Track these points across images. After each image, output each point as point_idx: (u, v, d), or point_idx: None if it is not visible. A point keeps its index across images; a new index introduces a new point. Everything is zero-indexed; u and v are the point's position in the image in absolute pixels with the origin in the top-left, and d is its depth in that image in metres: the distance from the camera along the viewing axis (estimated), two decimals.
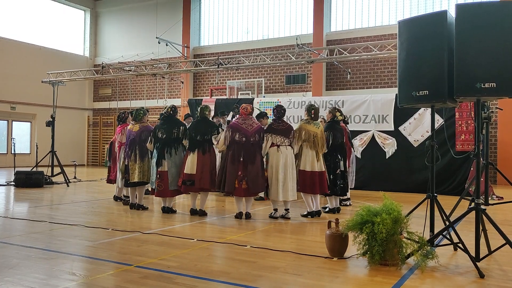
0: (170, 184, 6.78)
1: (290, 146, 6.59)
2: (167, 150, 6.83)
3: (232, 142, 6.49)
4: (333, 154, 6.97)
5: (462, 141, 10.11)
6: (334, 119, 7.17)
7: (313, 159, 6.55)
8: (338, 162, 6.99)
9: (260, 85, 17.35)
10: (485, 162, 4.32)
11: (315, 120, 6.76)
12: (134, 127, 7.43)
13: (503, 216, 6.91)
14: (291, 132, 6.62)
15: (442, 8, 14.49)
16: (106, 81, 21.81)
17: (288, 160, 6.47)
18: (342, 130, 7.27)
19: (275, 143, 6.52)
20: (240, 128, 6.54)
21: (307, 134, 6.57)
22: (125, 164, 7.38)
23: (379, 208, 4.06)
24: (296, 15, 17.63)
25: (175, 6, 19.85)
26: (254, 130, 6.56)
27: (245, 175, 6.36)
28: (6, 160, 18.76)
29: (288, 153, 6.52)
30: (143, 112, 7.57)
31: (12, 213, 7.06)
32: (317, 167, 6.58)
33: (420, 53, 4.16)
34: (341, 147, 7.10)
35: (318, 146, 6.61)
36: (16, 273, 3.71)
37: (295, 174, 6.56)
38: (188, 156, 6.73)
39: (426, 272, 3.83)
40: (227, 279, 3.58)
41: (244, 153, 6.43)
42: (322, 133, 6.74)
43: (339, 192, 7.03)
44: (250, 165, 6.40)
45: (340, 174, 6.99)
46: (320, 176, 6.60)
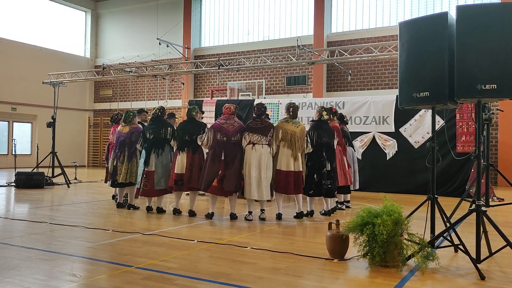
0: (156, 184, 6.92)
1: (268, 145, 6.52)
2: (154, 150, 6.99)
3: (214, 141, 6.57)
4: (318, 154, 6.78)
5: (463, 142, 10.10)
6: (320, 119, 7.02)
7: (289, 159, 6.46)
8: (323, 161, 6.76)
9: (260, 86, 17.35)
10: (485, 164, 4.31)
11: (294, 119, 6.69)
12: (124, 128, 7.60)
13: (504, 218, 6.90)
14: (269, 130, 6.56)
15: (442, 9, 14.49)
16: (107, 82, 21.83)
17: (263, 159, 6.41)
18: (330, 129, 7.05)
19: (252, 141, 6.50)
20: (222, 128, 6.60)
21: (284, 133, 6.52)
22: (114, 165, 7.54)
23: (380, 210, 4.05)
24: (297, 17, 17.65)
25: (176, 7, 19.87)
26: (236, 130, 6.60)
27: (226, 175, 6.42)
28: (7, 161, 18.78)
29: (264, 152, 6.44)
30: (132, 114, 7.72)
31: (13, 214, 7.06)
32: (293, 167, 6.47)
33: (421, 55, 4.16)
34: (328, 147, 6.89)
35: (295, 146, 6.49)
36: (16, 274, 3.71)
37: (270, 174, 6.48)
38: (178, 156, 6.84)
39: (427, 273, 3.82)
40: (227, 281, 3.57)
41: (225, 152, 6.49)
42: (302, 132, 6.63)
43: (324, 192, 6.77)
44: (231, 164, 6.47)
45: (326, 174, 6.76)
46: (295, 176, 6.48)
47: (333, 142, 7.01)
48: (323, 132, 6.88)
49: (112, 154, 7.70)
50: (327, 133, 6.93)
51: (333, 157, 6.94)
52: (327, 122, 7.09)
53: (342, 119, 8.17)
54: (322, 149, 6.81)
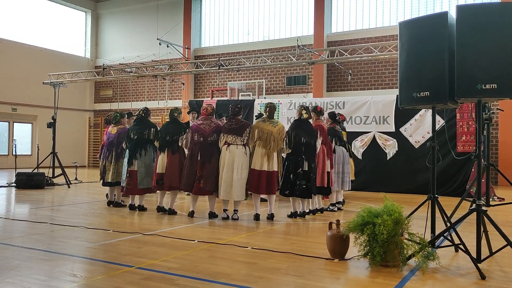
0: (139, 183, 7.15)
1: (244, 145, 6.52)
2: (138, 150, 7.21)
3: (192, 142, 6.70)
4: (296, 154, 6.63)
5: (463, 142, 10.10)
6: (300, 118, 6.87)
7: (263, 158, 6.43)
8: (300, 161, 6.58)
9: (261, 86, 17.36)
10: (486, 163, 4.31)
11: (270, 118, 6.65)
12: (112, 129, 7.91)
13: (504, 217, 6.90)
14: (245, 130, 6.55)
15: (442, 9, 14.49)
16: (107, 83, 21.84)
17: (236, 159, 6.40)
18: (311, 129, 6.83)
19: (227, 141, 6.53)
20: (199, 128, 6.72)
21: (260, 133, 6.51)
22: (103, 165, 7.85)
23: (380, 210, 4.05)
24: (297, 17, 17.65)
25: (176, 7, 19.88)
26: (212, 130, 6.68)
27: (202, 175, 6.52)
28: (7, 161, 18.79)
29: (238, 152, 6.44)
30: (120, 114, 8.05)
31: (13, 214, 7.06)
32: (267, 167, 6.43)
33: (421, 54, 4.16)
34: (308, 147, 6.66)
35: (270, 145, 6.45)
36: (17, 274, 3.71)
37: (244, 174, 6.46)
38: (159, 156, 7.05)
39: (427, 273, 3.82)
40: (228, 281, 3.57)
41: (201, 152, 6.59)
42: (279, 132, 6.54)
43: (298, 193, 6.57)
44: (207, 164, 6.55)
45: (302, 174, 6.56)
46: (268, 176, 6.43)
47: (314, 141, 6.76)
48: (302, 131, 6.70)
49: (102, 154, 8.00)
50: (306, 132, 6.73)
51: (312, 157, 6.72)
52: (307, 121, 6.87)
53: (334, 118, 7.92)
54: (301, 149, 6.62)
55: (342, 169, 7.70)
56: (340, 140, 7.75)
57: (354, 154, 11.07)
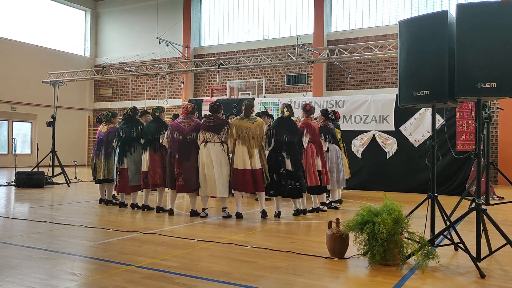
0: (130, 181, 7.35)
1: (221, 143, 6.53)
2: (127, 148, 7.41)
3: (171, 140, 6.79)
4: (276, 152, 6.55)
5: (463, 141, 10.10)
6: (282, 116, 6.78)
7: (245, 156, 6.40)
8: (281, 160, 6.49)
9: (260, 85, 17.35)
10: (486, 162, 4.31)
11: (247, 116, 6.60)
12: (103, 128, 8.17)
13: (504, 216, 6.91)
14: (222, 128, 6.57)
15: (442, 8, 14.48)
16: (107, 82, 21.83)
17: (213, 157, 6.44)
18: (294, 127, 6.71)
19: (205, 139, 6.56)
20: (179, 126, 6.80)
21: (239, 130, 6.49)
22: (94, 163, 8.10)
23: (380, 208, 4.06)
24: (297, 15, 17.64)
25: (175, 6, 19.86)
26: (191, 128, 6.74)
27: (181, 172, 6.59)
28: (7, 160, 18.78)
29: (215, 149, 6.47)
30: (111, 114, 8.29)
31: (13, 213, 7.07)
32: (250, 165, 6.39)
33: (421, 53, 4.15)
34: (290, 145, 6.54)
35: (251, 143, 6.41)
36: (17, 273, 3.71)
37: (225, 171, 6.48)
38: (143, 155, 7.26)
39: (427, 272, 3.82)
40: (227, 279, 3.58)
41: (179, 150, 6.67)
42: (258, 128, 6.49)
43: (286, 193, 6.49)
44: (185, 162, 6.62)
45: (286, 174, 6.46)
46: (253, 174, 6.39)
47: (298, 139, 6.64)
48: (283, 129, 6.60)
49: (93, 152, 8.26)
50: (288, 130, 6.61)
51: (296, 155, 6.58)
52: (289, 119, 6.75)
53: (327, 115, 7.76)
54: (282, 148, 6.54)
55: (336, 167, 7.56)
56: (333, 138, 7.61)
57: (354, 153, 11.10)
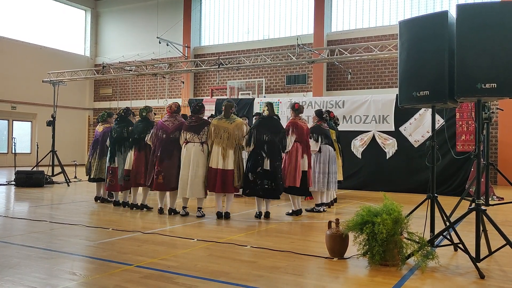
0: (119, 179, 7.47)
1: (201, 143, 6.56)
2: (117, 148, 7.53)
3: (155, 138, 6.90)
4: (256, 152, 6.44)
5: (463, 141, 10.11)
6: (263, 115, 6.69)
7: (218, 156, 6.39)
8: (260, 160, 6.39)
9: (260, 85, 17.35)
10: (485, 163, 4.31)
11: (226, 117, 6.60)
12: (99, 128, 8.38)
13: (503, 217, 6.91)
14: (202, 128, 6.60)
15: (442, 8, 14.49)
16: (107, 81, 21.83)
17: (193, 158, 6.47)
18: (276, 126, 6.59)
19: (186, 139, 6.61)
20: (163, 125, 6.90)
21: (216, 130, 6.51)
22: (89, 162, 8.30)
23: (380, 209, 4.05)
24: (297, 15, 17.64)
25: (175, 6, 19.85)
26: (175, 127, 6.82)
27: (161, 170, 6.70)
28: (7, 159, 18.78)
29: (194, 150, 6.51)
30: (107, 114, 8.50)
31: (13, 212, 7.06)
32: (222, 165, 6.37)
33: (421, 54, 4.15)
34: (271, 145, 6.42)
35: (226, 143, 6.39)
36: (16, 272, 3.71)
37: (201, 172, 6.48)
38: (128, 154, 7.37)
39: (427, 272, 3.82)
40: (227, 279, 3.58)
41: (161, 149, 6.77)
42: (236, 129, 6.47)
43: (262, 193, 6.39)
44: (166, 161, 6.72)
45: (262, 173, 6.35)
46: (223, 174, 6.36)
47: (279, 139, 6.52)
48: (263, 128, 6.50)
49: (89, 152, 8.54)
50: (270, 130, 6.50)
51: (276, 155, 6.47)
52: (272, 118, 6.64)
53: (321, 115, 7.58)
54: (262, 147, 6.42)
55: (328, 169, 7.33)
56: (326, 138, 7.42)
57: (354, 153, 11.11)
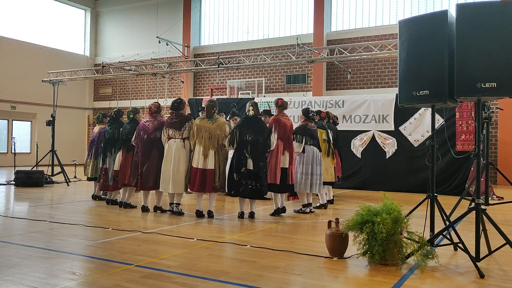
0: (109, 180, 7.65)
1: (183, 139, 6.65)
2: (108, 149, 7.70)
3: (138, 139, 7.08)
4: (239, 152, 6.41)
5: (463, 141, 10.11)
6: (247, 115, 6.65)
7: (199, 156, 6.45)
8: (243, 160, 6.35)
9: (260, 85, 17.35)
10: (485, 162, 4.31)
11: (208, 117, 6.61)
12: (96, 128, 8.59)
13: (503, 216, 6.91)
14: (183, 125, 6.69)
15: (442, 8, 14.48)
16: (107, 81, 21.82)
17: (175, 153, 6.59)
18: (260, 125, 6.54)
19: (169, 135, 6.73)
20: (144, 126, 7.07)
21: (198, 130, 6.55)
22: (86, 161, 8.61)
23: (379, 208, 4.05)
24: (297, 15, 17.63)
25: (175, 5, 19.85)
26: (155, 127, 6.97)
27: (143, 170, 6.89)
28: (7, 159, 18.77)
29: (176, 146, 6.63)
30: (102, 115, 8.71)
31: (12, 212, 7.06)
32: (203, 164, 6.41)
33: (421, 53, 4.15)
34: (254, 144, 6.36)
35: (207, 143, 6.42)
36: (16, 272, 3.71)
37: (182, 167, 6.58)
38: (117, 154, 7.53)
39: (426, 272, 3.82)
40: (227, 279, 3.58)
41: (142, 149, 6.96)
42: (218, 129, 6.48)
43: (247, 193, 6.34)
44: (147, 161, 6.90)
45: (246, 174, 6.30)
46: (202, 174, 6.39)
47: (263, 139, 6.46)
48: (247, 128, 6.46)
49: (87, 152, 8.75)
50: (253, 129, 6.45)
51: (260, 155, 6.41)
52: (256, 117, 6.58)
53: (307, 114, 7.30)
54: (246, 147, 6.38)
55: (310, 170, 7.03)
56: (312, 139, 7.15)
57: (353, 152, 11.10)
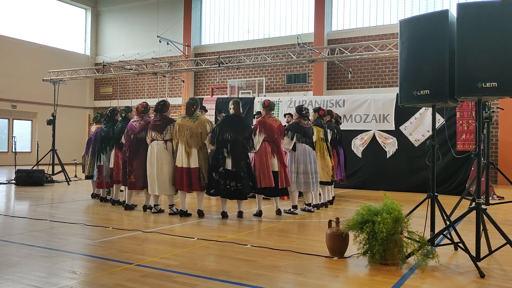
0: (104, 177, 7.81)
1: (165, 141, 6.67)
2: (103, 147, 7.84)
3: (126, 139, 7.16)
4: (218, 151, 6.39)
5: (463, 140, 10.10)
6: (228, 113, 6.62)
7: (183, 155, 6.44)
8: (221, 159, 6.31)
9: (261, 84, 17.35)
10: (486, 162, 4.31)
11: (189, 115, 6.59)
12: (93, 128, 8.72)
13: (503, 216, 6.91)
14: (166, 127, 6.70)
15: (443, 7, 14.48)
16: (107, 80, 21.83)
17: (158, 156, 6.63)
18: (241, 125, 6.48)
19: (152, 138, 6.76)
20: (131, 126, 7.14)
21: (180, 129, 6.55)
22: (84, 160, 8.71)
23: (380, 208, 4.05)
24: (297, 14, 17.63)
25: (176, 5, 19.85)
26: (141, 127, 7.01)
27: (132, 170, 6.96)
28: (7, 158, 18.79)
29: (158, 148, 6.66)
30: (100, 115, 8.78)
31: (13, 211, 7.07)
32: (186, 163, 6.40)
33: (421, 53, 4.15)
34: (234, 144, 6.31)
35: (189, 141, 6.40)
36: (16, 271, 3.71)
37: (166, 169, 6.61)
38: (111, 152, 7.65)
39: (427, 271, 3.82)
40: (227, 278, 3.58)
41: (130, 149, 7.03)
42: (199, 127, 6.46)
43: (225, 193, 6.29)
44: (135, 160, 6.97)
45: (224, 174, 6.26)
46: (187, 173, 6.40)
47: (243, 138, 6.41)
48: (227, 127, 6.42)
49: (84, 151, 8.84)
50: (233, 128, 6.40)
51: (239, 155, 6.34)
52: (237, 116, 6.55)
53: (300, 112, 7.13)
54: (225, 146, 6.34)
55: (303, 168, 6.89)
56: (304, 136, 6.96)
57: (354, 152, 11.10)
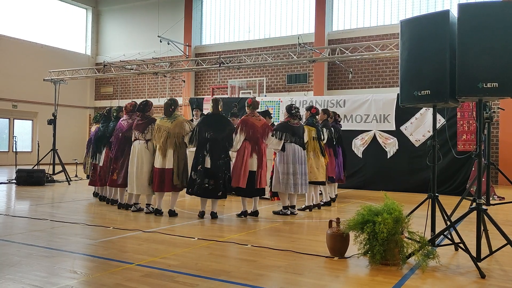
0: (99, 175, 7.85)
1: (146, 140, 6.73)
2: (99, 145, 7.97)
3: (114, 137, 7.31)
4: (198, 150, 6.40)
5: (464, 141, 10.09)
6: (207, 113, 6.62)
7: (158, 155, 6.54)
8: (200, 158, 6.29)
9: (261, 84, 17.34)
10: (486, 162, 4.31)
11: (167, 115, 6.63)
12: (93, 127, 8.86)
13: (504, 216, 6.90)
14: (147, 127, 6.77)
15: (444, 7, 14.47)
16: (108, 80, 21.83)
17: (137, 154, 6.71)
18: (222, 123, 6.46)
19: (136, 137, 6.83)
20: (120, 125, 7.27)
21: (158, 129, 6.61)
22: (84, 159, 8.92)
23: (380, 208, 4.05)
24: (298, 14, 17.62)
25: (177, 4, 19.84)
26: (129, 126, 7.09)
27: (116, 168, 7.12)
28: (8, 158, 18.79)
29: (139, 147, 6.74)
30: (99, 115, 8.83)
31: (14, 211, 7.07)
32: (162, 164, 6.47)
33: (422, 53, 4.15)
34: (213, 143, 6.29)
35: (166, 142, 6.43)
36: (17, 271, 3.71)
37: (146, 168, 6.66)
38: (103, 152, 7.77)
39: (427, 272, 3.82)
40: (227, 278, 3.58)
41: (116, 147, 7.18)
42: (177, 127, 6.48)
43: (201, 192, 6.25)
44: (120, 158, 7.09)
45: (203, 172, 6.22)
46: (161, 173, 6.46)
47: (223, 137, 6.39)
48: (206, 126, 6.40)
49: (85, 151, 8.98)
50: (213, 127, 6.37)
51: (219, 153, 6.32)
52: (218, 115, 6.51)
53: (290, 111, 6.97)
54: (205, 145, 6.32)
55: (292, 169, 6.71)
56: (294, 136, 6.81)
57: (354, 152, 11.10)
